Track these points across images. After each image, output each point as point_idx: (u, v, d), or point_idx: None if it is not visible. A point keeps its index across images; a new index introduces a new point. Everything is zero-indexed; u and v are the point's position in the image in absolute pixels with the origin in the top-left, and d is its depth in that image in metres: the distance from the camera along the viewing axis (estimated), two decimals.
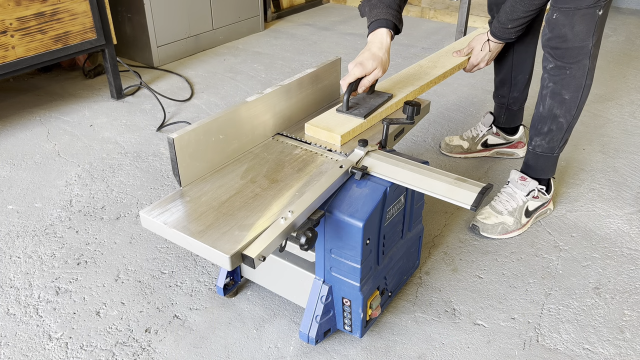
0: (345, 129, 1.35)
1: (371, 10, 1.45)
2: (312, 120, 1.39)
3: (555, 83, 1.56)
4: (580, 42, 1.48)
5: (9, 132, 2.27)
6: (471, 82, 2.80)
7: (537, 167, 1.70)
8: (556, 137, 1.63)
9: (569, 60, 1.51)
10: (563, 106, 1.58)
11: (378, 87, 1.57)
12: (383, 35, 1.42)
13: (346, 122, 1.37)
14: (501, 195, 1.72)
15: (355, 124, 1.37)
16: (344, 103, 1.41)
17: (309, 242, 1.02)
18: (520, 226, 1.68)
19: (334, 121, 1.38)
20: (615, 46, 3.31)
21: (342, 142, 1.33)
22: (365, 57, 1.39)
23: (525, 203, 1.68)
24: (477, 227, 1.66)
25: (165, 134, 2.26)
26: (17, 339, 1.31)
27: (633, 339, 1.32)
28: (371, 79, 1.41)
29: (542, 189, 1.70)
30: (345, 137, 1.34)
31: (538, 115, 1.64)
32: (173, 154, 1.13)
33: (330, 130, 1.34)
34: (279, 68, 2.99)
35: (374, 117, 1.43)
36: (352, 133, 1.36)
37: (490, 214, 1.68)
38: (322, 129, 1.35)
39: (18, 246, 1.62)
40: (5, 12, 2.06)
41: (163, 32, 2.97)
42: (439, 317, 1.38)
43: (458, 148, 2.08)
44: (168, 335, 1.33)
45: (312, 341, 1.24)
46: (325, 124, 1.37)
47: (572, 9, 1.44)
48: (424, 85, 1.61)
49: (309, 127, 1.37)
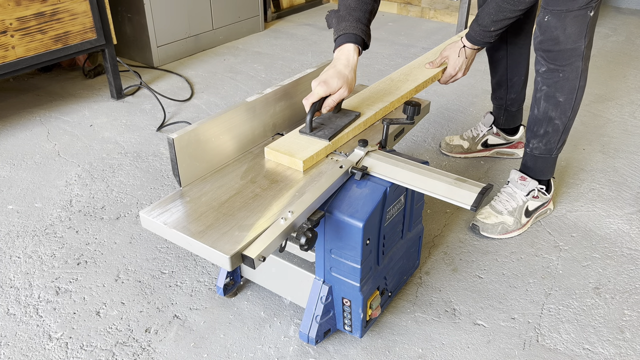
0: (307, 152, 1.24)
1: (339, 22, 1.37)
2: (273, 144, 1.28)
3: (549, 86, 1.56)
4: (572, 44, 1.48)
5: (9, 132, 2.27)
6: (471, 82, 2.80)
7: (536, 168, 1.70)
8: (553, 139, 1.63)
9: (561, 62, 1.51)
10: (558, 108, 1.58)
11: (346, 103, 1.47)
12: (350, 51, 1.33)
13: (309, 145, 1.26)
14: (501, 195, 1.72)
15: (319, 147, 1.26)
16: (307, 124, 1.29)
17: (309, 242, 1.02)
18: (521, 226, 1.68)
19: (296, 144, 1.27)
20: (615, 46, 3.31)
21: (305, 167, 1.22)
22: (330, 75, 1.29)
23: (525, 203, 1.68)
24: (477, 227, 1.66)
25: (165, 134, 2.26)
26: (17, 339, 1.31)
27: (633, 339, 1.32)
28: (336, 98, 1.31)
29: (542, 188, 1.70)
30: (308, 162, 1.23)
31: (533, 117, 1.64)
32: (173, 154, 1.13)
33: (291, 154, 1.23)
34: (279, 68, 2.99)
35: (340, 138, 1.31)
36: (316, 157, 1.25)
37: (490, 214, 1.68)
38: (283, 153, 1.24)
39: (18, 246, 1.62)
40: (5, 12, 2.06)
41: (163, 32, 2.97)
42: (439, 317, 1.38)
43: (458, 148, 2.09)
44: (168, 335, 1.33)
45: (312, 341, 1.24)
46: (286, 147, 1.26)
47: (564, 11, 1.44)
48: (395, 101, 1.50)
49: (269, 151, 1.26)
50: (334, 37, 1.38)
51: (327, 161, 1.27)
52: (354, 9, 1.36)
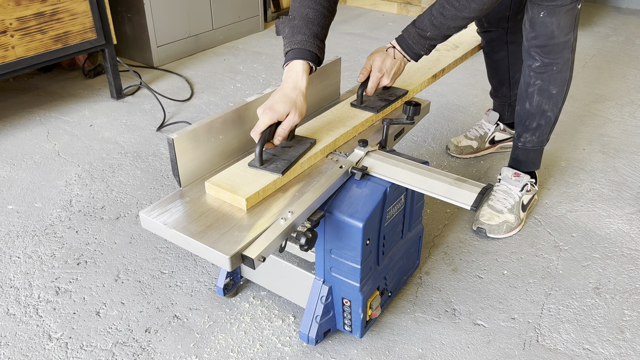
0: (253, 188, 1.10)
1: (293, 34, 1.23)
2: (215, 178, 1.15)
3: (543, 80, 1.58)
4: (564, 37, 1.52)
5: (9, 132, 2.27)
6: (471, 82, 2.80)
7: (528, 161, 1.74)
8: (545, 131, 1.68)
9: (555, 55, 1.54)
10: (551, 101, 1.61)
11: (304, 129, 1.33)
12: (299, 72, 1.20)
13: (256, 180, 1.13)
14: (497, 194, 1.72)
15: (267, 181, 1.13)
16: (257, 157, 1.16)
17: (308, 242, 1.02)
18: (521, 221, 1.70)
19: (241, 179, 1.14)
20: (615, 46, 3.31)
21: (249, 205, 1.09)
22: (276, 100, 1.16)
23: (520, 198, 1.71)
24: (483, 230, 1.66)
25: (165, 134, 2.26)
26: (17, 339, 1.31)
27: (633, 339, 1.32)
28: (286, 126, 1.18)
29: (532, 181, 1.74)
30: (253, 199, 1.09)
31: (525, 112, 1.66)
32: (173, 154, 1.13)
33: (234, 191, 1.09)
34: (279, 68, 2.99)
35: (294, 169, 1.19)
36: (263, 193, 1.12)
37: (492, 215, 1.68)
38: (224, 189, 1.10)
39: (18, 246, 1.62)
40: (5, 12, 2.06)
41: (163, 32, 2.97)
42: (439, 317, 1.38)
43: (468, 148, 2.08)
44: (168, 335, 1.33)
45: (312, 341, 1.24)
46: (229, 182, 1.13)
47: (559, 5, 1.47)
48: (358, 126, 1.37)
49: (209, 186, 1.13)
50: (285, 48, 1.24)
51: (327, 161, 1.27)
52: (312, 21, 1.24)
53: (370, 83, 1.40)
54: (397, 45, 1.39)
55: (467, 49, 1.86)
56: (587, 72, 2.91)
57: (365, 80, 1.41)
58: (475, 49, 1.89)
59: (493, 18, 1.82)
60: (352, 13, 4.12)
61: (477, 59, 3.10)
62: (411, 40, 1.37)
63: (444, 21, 1.31)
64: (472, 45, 1.89)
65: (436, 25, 1.33)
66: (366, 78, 1.41)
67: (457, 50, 1.84)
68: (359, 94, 1.43)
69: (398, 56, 1.40)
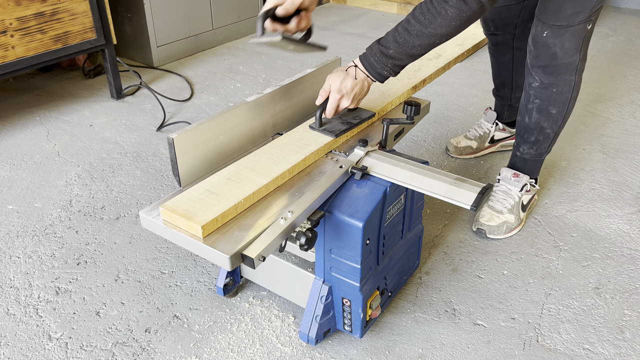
0: (211, 214, 1.01)
1: None
2: (170, 202, 1.06)
3: (542, 100, 1.55)
4: (568, 59, 1.46)
5: (9, 132, 2.27)
6: (471, 82, 2.80)
7: (526, 169, 1.72)
8: (543, 145, 1.65)
9: (556, 77, 1.49)
10: (550, 119, 1.58)
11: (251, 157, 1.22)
12: None
13: (216, 204, 1.05)
14: (497, 195, 1.72)
15: (227, 205, 1.04)
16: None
17: (308, 242, 1.02)
18: (520, 221, 1.70)
19: (199, 203, 1.05)
20: (615, 46, 3.31)
21: (206, 233, 1.00)
22: None
23: (520, 198, 1.70)
24: (483, 231, 1.65)
25: (165, 134, 2.26)
26: (17, 339, 1.31)
27: (633, 339, 1.32)
28: None
29: (532, 182, 1.73)
30: (210, 226, 1.00)
31: (524, 125, 1.62)
32: (173, 154, 1.13)
33: (189, 217, 1.01)
34: (279, 68, 2.99)
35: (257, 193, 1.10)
36: (222, 219, 1.03)
37: (492, 215, 1.67)
38: (179, 215, 1.02)
39: (18, 246, 1.62)
40: (5, 12, 2.06)
41: (163, 32, 2.97)
42: (439, 317, 1.38)
43: (468, 149, 2.07)
44: (168, 335, 1.32)
45: (312, 341, 1.24)
46: (184, 207, 1.04)
47: (564, 26, 1.40)
48: (315, 153, 1.25)
49: (164, 211, 1.04)
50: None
51: (327, 161, 1.27)
52: None
53: (329, 105, 1.28)
54: (359, 64, 1.26)
55: (450, 58, 1.75)
56: (587, 72, 2.91)
57: (325, 102, 1.29)
58: (459, 57, 1.79)
59: (500, 23, 1.79)
60: (352, 13, 4.12)
61: (477, 59, 3.10)
62: (373, 58, 1.24)
63: (408, 38, 1.19)
64: (455, 54, 1.78)
65: (399, 43, 1.20)
66: (325, 99, 1.29)
67: (440, 60, 1.74)
68: (317, 116, 1.30)
69: (360, 76, 1.26)
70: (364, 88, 1.29)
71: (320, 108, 1.30)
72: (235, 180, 1.13)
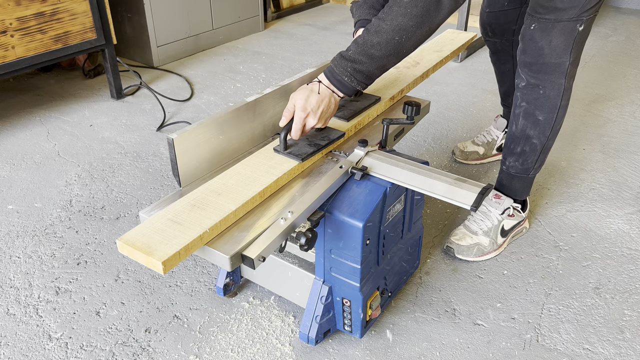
0: (172, 247, 0.92)
1: None
2: (128, 234, 0.96)
3: (529, 103, 1.46)
4: (556, 59, 1.39)
5: (9, 132, 2.27)
6: (471, 82, 2.80)
7: (512, 187, 1.61)
8: (530, 159, 1.54)
9: (543, 77, 1.42)
10: (537, 127, 1.48)
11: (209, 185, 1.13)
12: None
13: (179, 235, 0.95)
14: (475, 214, 1.62)
15: (192, 236, 0.95)
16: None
17: (308, 242, 1.02)
18: (497, 247, 1.59)
19: (160, 234, 0.96)
20: (615, 46, 3.31)
21: (167, 269, 0.90)
22: None
23: (500, 222, 1.59)
24: (451, 249, 1.57)
25: (165, 134, 2.26)
26: (17, 339, 1.31)
27: (633, 339, 1.32)
28: None
29: (517, 207, 1.62)
30: (172, 260, 0.91)
31: (511, 134, 1.54)
32: (173, 154, 1.13)
33: (148, 252, 0.91)
34: (279, 68, 2.99)
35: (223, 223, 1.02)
36: (186, 252, 0.93)
37: (464, 235, 1.58)
38: (138, 249, 0.92)
39: (18, 246, 1.62)
40: (5, 12, 2.06)
41: (163, 32, 2.97)
42: (439, 317, 1.38)
43: (474, 154, 2.05)
44: (168, 335, 1.33)
45: (312, 341, 1.24)
46: (144, 240, 0.94)
47: (552, 20, 1.36)
48: (277, 181, 1.14)
49: (121, 245, 0.94)
50: None
51: (327, 161, 1.27)
52: None
53: (294, 125, 1.19)
54: (323, 80, 1.20)
55: (428, 66, 1.67)
56: (587, 72, 2.91)
57: (290, 123, 1.20)
58: (437, 65, 1.70)
59: (498, 28, 1.76)
60: None
61: (477, 59, 3.10)
62: (334, 64, 1.18)
63: (367, 37, 1.14)
64: (434, 61, 1.70)
65: (358, 43, 1.16)
66: (290, 120, 1.20)
67: (418, 68, 1.66)
68: (282, 138, 1.21)
69: (324, 92, 1.19)
70: (330, 105, 1.21)
71: (285, 129, 1.20)
72: (200, 207, 1.03)
